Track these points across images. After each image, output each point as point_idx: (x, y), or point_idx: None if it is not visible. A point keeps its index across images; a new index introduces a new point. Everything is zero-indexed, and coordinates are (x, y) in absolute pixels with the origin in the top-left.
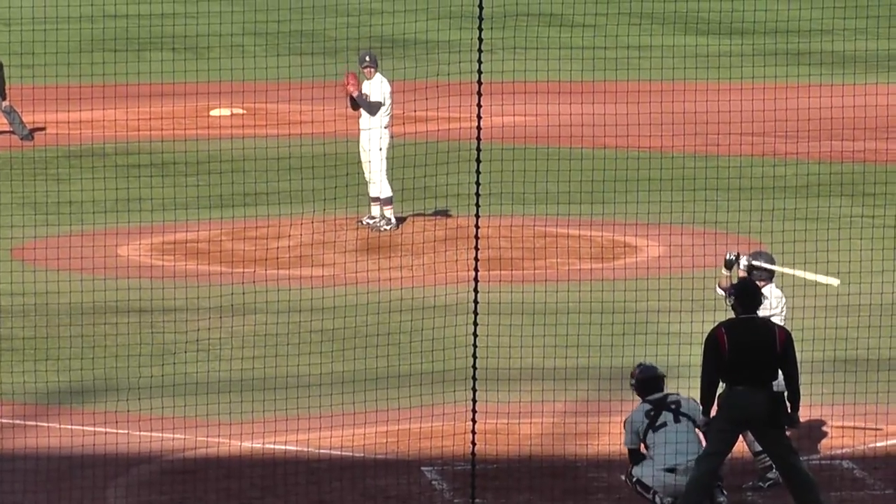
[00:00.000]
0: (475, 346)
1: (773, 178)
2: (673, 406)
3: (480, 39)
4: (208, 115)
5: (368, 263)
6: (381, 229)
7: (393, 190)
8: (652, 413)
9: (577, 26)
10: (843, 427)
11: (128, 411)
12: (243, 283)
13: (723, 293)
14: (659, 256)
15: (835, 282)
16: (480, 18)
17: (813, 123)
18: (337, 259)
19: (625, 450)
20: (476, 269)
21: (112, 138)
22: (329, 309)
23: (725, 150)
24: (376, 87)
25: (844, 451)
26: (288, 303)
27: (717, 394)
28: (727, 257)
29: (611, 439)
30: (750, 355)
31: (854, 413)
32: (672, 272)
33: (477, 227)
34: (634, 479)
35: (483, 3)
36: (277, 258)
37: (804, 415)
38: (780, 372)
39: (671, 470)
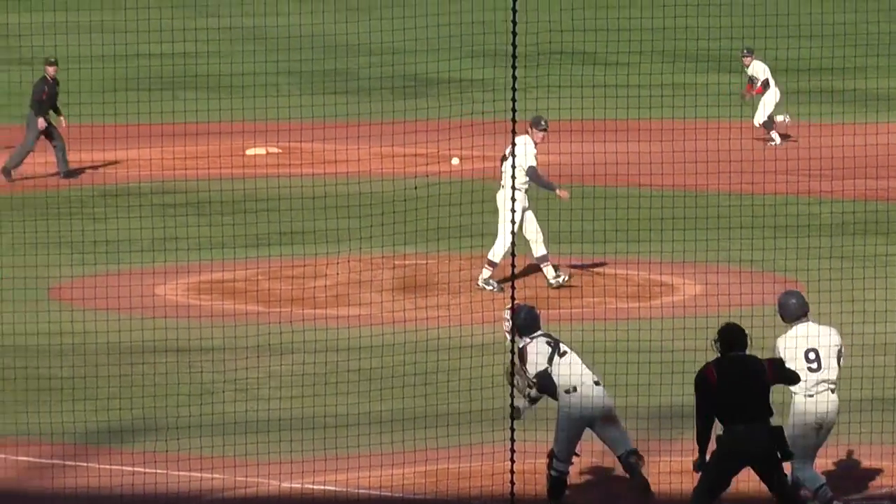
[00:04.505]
0: (513, 385)
1: (807, 216)
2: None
3: (514, 78)
4: (244, 154)
5: (405, 303)
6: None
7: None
8: (551, 344)
9: (611, 65)
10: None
11: (166, 451)
12: (280, 322)
13: None
14: (695, 295)
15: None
16: (514, 57)
17: (847, 161)
18: (373, 298)
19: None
20: (512, 308)
21: (148, 177)
22: (366, 348)
23: (760, 188)
24: (522, 148)
25: (884, 490)
26: (325, 342)
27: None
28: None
29: (650, 479)
30: (742, 388)
31: (893, 452)
32: (709, 311)
33: (513, 265)
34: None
35: (517, 41)
36: (314, 297)
37: (841, 454)
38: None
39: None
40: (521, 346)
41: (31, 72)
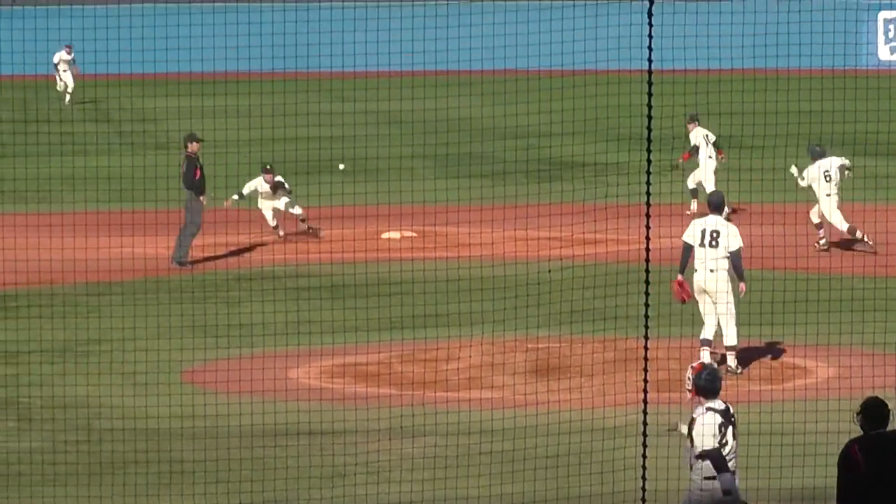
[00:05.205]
0: (644, 468)
1: None
2: (733, 419)
3: (649, 161)
4: (378, 238)
5: (538, 385)
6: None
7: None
8: (722, 428)
9: (746, 148)
10: None
11: None
12: (413, 405)
13: None
14: (828, 378)
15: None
16: (649, 140)
17: None
18: (506, 381)
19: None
20: (645, 391)
21: (282, 261)
22: (499, 431)
23: (895, 271)
24: (732, 231)
25: None
26: (458, 425)
27: None
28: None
29: None
30: (888, 470)
31: None
32: (842, 394)
33: (646, 348)
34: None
35: (651, 125)
36: (447, 380)
37: None
38: None
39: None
40: (695, 414)
41: (167, 156)
